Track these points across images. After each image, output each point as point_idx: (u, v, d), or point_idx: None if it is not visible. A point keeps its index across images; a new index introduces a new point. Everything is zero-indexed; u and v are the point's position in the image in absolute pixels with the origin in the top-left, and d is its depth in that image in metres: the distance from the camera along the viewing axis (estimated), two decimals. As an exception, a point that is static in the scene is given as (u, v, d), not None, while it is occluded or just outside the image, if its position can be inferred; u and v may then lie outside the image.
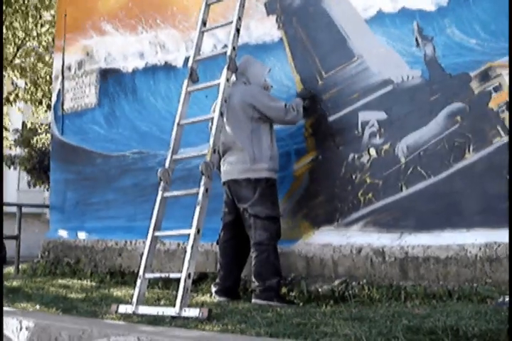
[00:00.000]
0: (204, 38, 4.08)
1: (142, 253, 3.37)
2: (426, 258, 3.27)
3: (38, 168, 15.25)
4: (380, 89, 3.66)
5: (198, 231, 3.20)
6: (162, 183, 3.52)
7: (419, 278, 3.28)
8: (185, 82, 3.84)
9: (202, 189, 3.31)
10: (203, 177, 3.34)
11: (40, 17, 10.21)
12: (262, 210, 3.54)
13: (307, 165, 3.95)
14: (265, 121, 3.69)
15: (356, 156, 3.72)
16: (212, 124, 3.66)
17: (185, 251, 3.10)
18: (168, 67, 4.96)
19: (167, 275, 3.34)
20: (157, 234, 3.42)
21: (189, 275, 3.05)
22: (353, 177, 3.71)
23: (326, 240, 3.71)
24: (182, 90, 3.82)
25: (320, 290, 3.48)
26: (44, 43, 10.66)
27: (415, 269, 3.30)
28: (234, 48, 3.76)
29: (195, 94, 3.93)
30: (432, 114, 3.43)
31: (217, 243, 3.82)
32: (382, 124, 3.63)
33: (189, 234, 3.20)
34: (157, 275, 3.38)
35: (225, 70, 3.66)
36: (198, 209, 3.26)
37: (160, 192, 3.50)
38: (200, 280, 4.07)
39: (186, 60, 4.70)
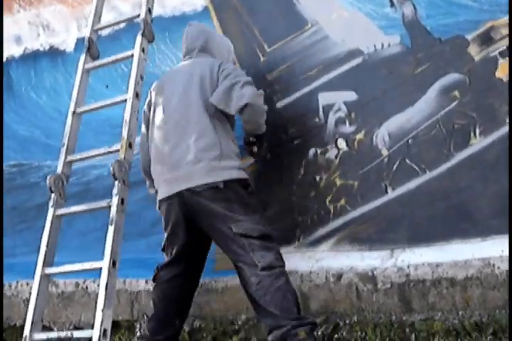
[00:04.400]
0: (103, 10, 3.09)
1: (26, 300, 2.27)
2: (436, 280, 2.39)
3: None
4: (346, 63, 2.81)
5: (114, 263, 2.15)
6: (54, 196, 2.42)
7: (429, 309, 2.39)
8: (82, 57, 2.83)
9: (115, 200, 2.27)
10: (116, 182, 2.29)
11: None
12: (253, 227, 2.36)
13: (251, 167, 2.99)
14: None
15: (319, 151, 2.82)
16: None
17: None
18: (54, 53, 3.86)
19: (69, 333, 2.12)
20: (49, 271, 2.31)
21: (104, 331, 1.98)
22: (317, 179, 2.80)
23: (287, 266, 2.74)
24: (78, 68, 2.80)
25: (289, 335, 2.50)
26: None
27: (422, 297, 2.41)
28: (149, 11, 2.80)
29: (91, 84, 2.91)
30: (420, 91, 2.62)
31: (154, 280, 2.67)
32: (351, 107, 2.77)
33: (100, 269, 2.14)
34: (52, 334, 2.17)
35: (139, 38, 2.69)
36: (111, 230, 2.22)
37: (51, 209, 2.41)
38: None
39: (78, 42, 3.70)
